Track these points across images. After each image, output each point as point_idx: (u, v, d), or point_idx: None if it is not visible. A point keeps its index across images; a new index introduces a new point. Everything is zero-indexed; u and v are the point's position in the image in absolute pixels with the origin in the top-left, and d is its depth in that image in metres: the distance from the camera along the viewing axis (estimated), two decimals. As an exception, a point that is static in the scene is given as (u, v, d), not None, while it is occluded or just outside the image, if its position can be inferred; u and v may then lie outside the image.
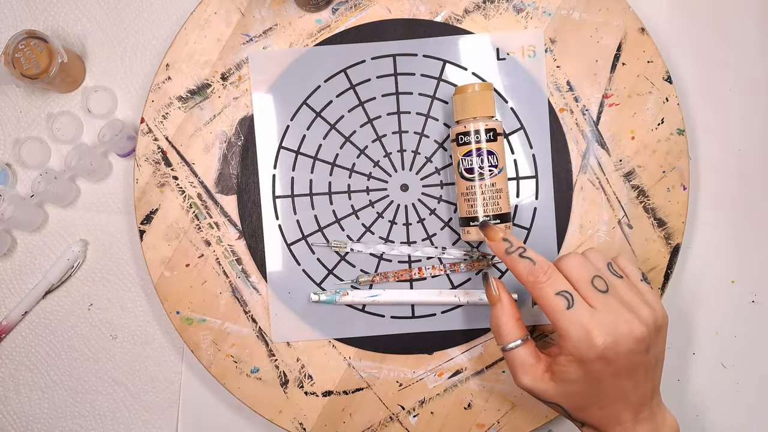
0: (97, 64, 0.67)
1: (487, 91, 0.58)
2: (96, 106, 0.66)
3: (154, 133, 0.63)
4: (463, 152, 0.58)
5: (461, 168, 0.58)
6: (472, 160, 0.57)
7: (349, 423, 0.63)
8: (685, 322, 0.65)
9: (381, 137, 0.63)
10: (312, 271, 0.63)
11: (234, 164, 0.64)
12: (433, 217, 0.63)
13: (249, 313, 0.63)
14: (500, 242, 0.53)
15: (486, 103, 0.58)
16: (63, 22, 0.67)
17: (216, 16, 0.64)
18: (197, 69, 0.64)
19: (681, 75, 0.66)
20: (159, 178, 0.63)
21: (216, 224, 0.63)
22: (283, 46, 0.64)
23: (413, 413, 0.63)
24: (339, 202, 0.63)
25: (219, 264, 0.63)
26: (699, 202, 0.65)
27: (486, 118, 0.58)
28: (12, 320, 0.66)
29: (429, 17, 0.63)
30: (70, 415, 0.67)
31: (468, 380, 0.63)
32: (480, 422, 0.63)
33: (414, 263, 0.63)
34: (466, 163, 0.58)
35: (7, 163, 0.66)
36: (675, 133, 0.62)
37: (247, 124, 0.63)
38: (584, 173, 0.63)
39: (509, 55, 0.63)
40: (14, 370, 0.67)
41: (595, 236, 0.62)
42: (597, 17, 0.63)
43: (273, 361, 0.63)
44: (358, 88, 0.63)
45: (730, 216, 0.66)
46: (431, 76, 0.63)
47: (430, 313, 0.63)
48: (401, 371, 0.63)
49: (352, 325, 0.63)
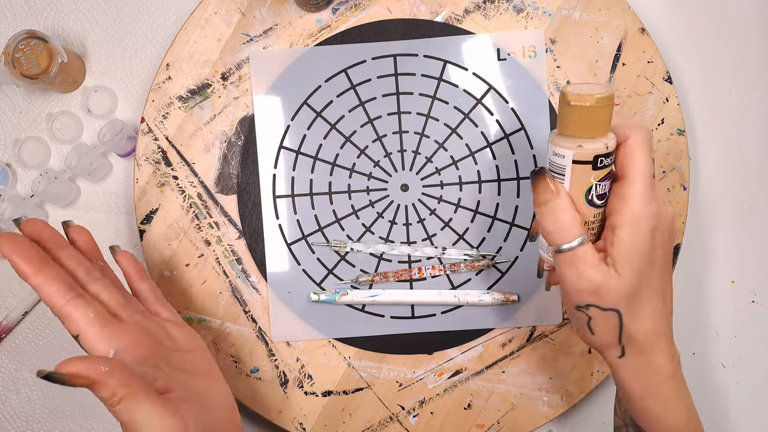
0: (97, 64, 0.67)
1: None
2: (96, 106, 0.66)
3: (154, 132, 0.63)
4: (600, 176, 0.46)
5: (593, 194, 0.47)
6: (606, 185, 0.47)
7: (348, 423, 0.63)
8: (685, 322, 0.65)
9: (381, 137, 0.63)
10: (312, 270, 0.63)
11: (234, 164, 0.64)
12: (433, 217, 0.63)
13: (249, 312, 0.63)
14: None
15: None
16: (63, 22, 0.67)
17: (216, 16, 0.64)
18: (197, 69, 0.64)
19: (681, 75, 0.66)
20: (159, 177, 0.63)
21: (216, 224, 0.63)
22: (283, 46, 0.64)
23: (413, 413, 0.63)
24: (339, 202, 0.63)
25: (219, 264, 0.63)
26: (699, 203, 0.65)
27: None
28: (12, 320, 0.66)
29: (429, 17, 0.63)
30: (70, 415, 0.67)
31: (468, 380, 0.63)
32: (480, 422, 0.63)
33: (414, 263, 0.63)
34: (599, 189, 0.47)
35: (7, 163, 0.66)
36: (675, 134, 0.62)
37: (248, 124, 0.63)
38: (584, 173, 0.63)
39: (510, 56, 0.63)
40: (14, 370, 0.67)
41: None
42: (597, 17, 0.63)
43: (273, 361, 0.63)
44: (358, 88, 0.63)
45: (730, 216, 0.66)
46: (432, 76, 0.63)
47: (430, 314, 0.63)
48: (401, 371, 0.63)
49: (352, 325, 0.63)
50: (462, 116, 0.63)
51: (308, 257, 0.63)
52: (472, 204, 0.63)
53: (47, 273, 0.47)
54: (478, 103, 0.63)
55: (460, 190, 0.63)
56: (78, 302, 0.47)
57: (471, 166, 0.63)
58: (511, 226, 0.63)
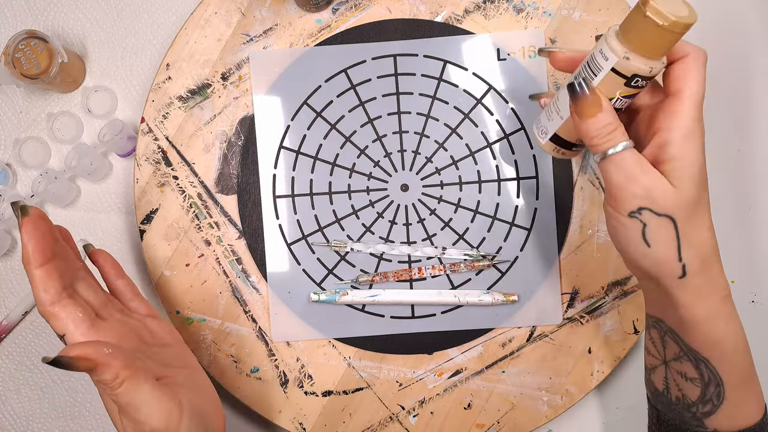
0: (97, 64, 0.67)
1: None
2: (96, 106, 0.66)
3: (155, 132, 0.63)
4: (628, 93, 0.46)
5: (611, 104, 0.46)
6: (627, 102, 0.47)
7: (348, 423, 0.63)
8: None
9: (381, 137, 0.63)
10: (312, 270, 0.63)
11: (234, 164, 0.64)
12: (433, 217, 0.63)
13: (249, 312, 0.63)
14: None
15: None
16: (63, 22, 0.67)
17: (216, 16, 0.64)
18: (197, 69, 0.64)
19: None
20: (159, 177, 0.63)
21: (216, 224, 0.63)
22: (283, 46, 0.64)
23: (413, 413, 0.63)
24: (339, 202, 0.63)
25: (219, 264, 0.63)
26: (699, 203, 0.65)
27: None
28: (12, 320, 0.66)
29: (429, 17, 0.63)
30: (70, 415, 0.67)
31: (468, 380, 0.63)
32: (480, 422, 0.63)
33: (414, 263, 0.63)
34: (618, 104, 0.46)
35: (7, 163, 0.66)
36: (675, 134, 0.62)
37: (248, 124, 0.63)
38: (584, 174, 0.63)
39: (510, 56, 0.63)
40: (14, 370, 0.67)
41: (596, 236, 0.62)
42: (597, 17, 0.63)
43: (273, 361, 0.63)
44: (358, 88, 0.63)
45: (730, 216, 0.66)
46: (432, 76, 0.63)
47: (430, 313, 0.63)
48: (401, 371, 0.63)
49: (352, 325, 0.63)
50: (462, 116, 0.63)
51: (308, 257, 0.63)
52: (472, 204, 0.63)
53: (50, 268, 0.47)
54: (478, 103, 0.63)
55: (460, 190, 0.63)
56: (67, 302, 0.47)
57: (471, 166, 0.63)
58: (511, 226, 0.63)
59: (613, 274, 0.62)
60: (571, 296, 0.62)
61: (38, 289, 0.47)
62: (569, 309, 0.62)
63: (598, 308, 0.62)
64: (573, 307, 0.62)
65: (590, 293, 0.62)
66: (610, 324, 0.62)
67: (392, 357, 0.63)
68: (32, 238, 0.46)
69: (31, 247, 0.46)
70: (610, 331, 0.62)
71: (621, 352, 0.62)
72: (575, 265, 0.62)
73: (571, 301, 0.62)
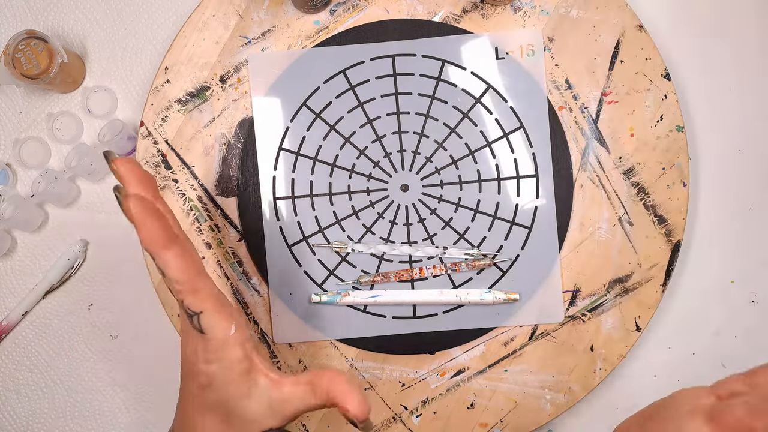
0: (97, 64, 0.67)
1: None
2: (96, 106, 0.66)
3: (154, 136, 0.63)
4: None
5: None
6: None
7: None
8: (685, 321, 0.65)
9: (381, 138, 0.64)
10: (313, 272, 0.63)
11: (234, 166, 0.64)
12: (433, 217, 0.63)
13: (250, 314, 0.63)
14: None
15: None
16: (63, 22, 0.67)
17: (214, 18, 0.64)
18: (196, 72, 0.64)
19: (679, 72, 0.66)
20: (159, 180, 0.63)
21: (216, 226, 0.63)
22: (281, 48, 0.64)
23: (416, 413, 0.63)
24: (339, 203, 0.63)
25: (220, 266, 0.63)
26: (699, 202, 0.66)
27: None
28: (12, 320, 0.65)
29: (427, 17, 0.64)
30: (70, 415, 0.66)
31: (470, 380, 0.63)
32: (483, 422, 0.62)
33: (415, 263, 0.63)
34: None
35: (7, 163, 0.66)
36: (674, 130, 0.62)
37: (247, 126, 0.64)
38: (584, 171, 0.63)
39: (508, 55, 0.63)
40: (14, 370, 0.66)
41: (596, 234, 0.62)
42: (595, 15, 0.63)
43: (275, 363, 0.63)
44: (357, 89, 0.64)
45: (730, 216, 0.66)
46: (430, 76, 0.63)
47: (432, 313, 0.63)
48: (403, 371, 0.63)
49: (354, 326, 0.63)
50: (461, 116, 0.63)
51: (309, 258, 0.63)
52: (473, 203, 0.63)
53: (181, 245, 0.43)
54: (477, 102, 0.63)
55: (460, 190, 0.63)
56: (205, 275, 0.44)
57: (471, 165, 0.63)
58: (512, 225, 0.63)
59: (614, 272, 0.62)
60: (573, 294, 0.62)
61: (182, 265, 0.42)
62: (571, 307, 0.62)
63: (599, 306, 0.62)
64: (574, 305, 0.62)
65: (591, 291, 0.62)
66: (612, 321, 0.62)
67: (394, 357, 0.63)
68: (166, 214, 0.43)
69: (173, 221, 0.43)
70: (612, 328, 0.62)
71: (623, 349, 0.62)
72: (576, 263, 0.62)
73: (572, 299, 0.62)
